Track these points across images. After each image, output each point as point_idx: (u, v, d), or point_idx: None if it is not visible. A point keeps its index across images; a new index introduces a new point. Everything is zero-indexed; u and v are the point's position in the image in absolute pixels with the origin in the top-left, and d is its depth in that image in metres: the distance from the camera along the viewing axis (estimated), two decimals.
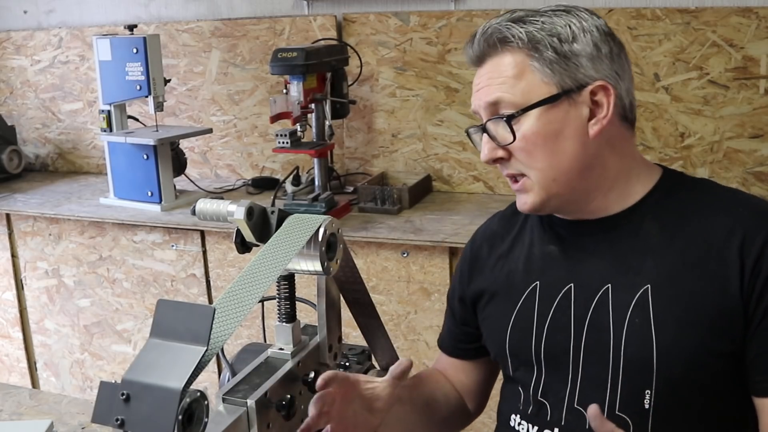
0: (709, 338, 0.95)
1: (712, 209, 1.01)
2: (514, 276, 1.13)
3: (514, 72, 1.00)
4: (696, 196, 1.04)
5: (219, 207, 0.91)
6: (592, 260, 1.05)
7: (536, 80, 0.99)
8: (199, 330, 0.67)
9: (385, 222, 2.31)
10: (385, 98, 2.66)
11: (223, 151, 2.96)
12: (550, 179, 1.01)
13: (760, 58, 2.22)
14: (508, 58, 1.01)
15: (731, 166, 2.32)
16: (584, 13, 1.03)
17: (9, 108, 3.27)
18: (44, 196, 2.81)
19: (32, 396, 1.45)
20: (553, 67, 0.99)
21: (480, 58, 1.05)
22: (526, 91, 0.99)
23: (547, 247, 1.11)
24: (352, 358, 1.13)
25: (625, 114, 1.04)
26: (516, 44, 1.00)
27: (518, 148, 1.01)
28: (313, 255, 0.91)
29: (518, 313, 1.10)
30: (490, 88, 1.01)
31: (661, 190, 1.05)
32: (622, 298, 1.00)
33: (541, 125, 0.99)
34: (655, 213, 1.03)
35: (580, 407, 1.02)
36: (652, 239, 1.01)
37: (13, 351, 2.88)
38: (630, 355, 0.98)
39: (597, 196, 1.04)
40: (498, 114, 1.01)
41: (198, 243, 2.47)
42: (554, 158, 1.00)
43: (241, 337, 2.39)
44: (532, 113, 0.99)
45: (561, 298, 1.05)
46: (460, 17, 2.50)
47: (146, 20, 2.97)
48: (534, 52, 0.99)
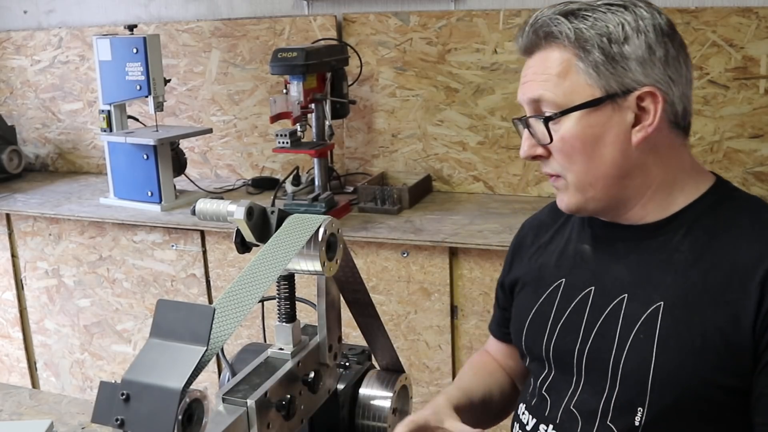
0: (710, 369, 0.91)
1: (746, 232, 0.96)
2: (545, 270, 1.13)
3: (558, 70, 0.96)
4: (735, 216, 0.98)
5: (219, 207, 0.91)
6: (617, 267, 1.03)
7: (580, 81, 0.95)
8: (199, 330, 0.67)
9: (385, 222, 2.31)
10: (385, 98, 2.66)
11: (223, 151, 2.96)
12: (586, 183, 0.98)
13: (760, 58, 2.22)
14: (555, 54, 0.97)
15: (731, 166, 2.32)
16: (644, 10, 0.96)
17: (9, 108, 3.27)
18: (44, 196, 2.81)
19: (32, 396, 1.45)
20: (599, 69, 0.94)
21: (528, 50, 1.01)
22: (569, 91, 0.96)
23: (581, 246, 1.09)
24: (352, 358, 1.13)
25: (677, 120, 0.98)
26: (563, 41, 0.96)
27: (556, 149, 0.98)
28: (313, 255, 0.91)
29: (538, 308, 1.10)
30: (534, 83, 0.98)
31: (702, 203, 1.00)
32: (633, 310, 0.98)
33: (580, 129, 0.96)
34: (689, 228, 0.98)
35: (575, 410, 1.02)
36: (679, 255, 0.97)
37: (13, 351, 2.88)
38: (628, 369, 0.96)
39: (635, 204, 1.01)
40: (539, 111, 0.99)
41: (198, 243, 2.47)
42: (592, 163, 0.97)
43: (241, 337, 2.39)
44: (573, 115, 0.96)
45: (579, 300, 1.05)
46: (460, 17, 2.50)
47: (146, 20, 2.97)
48: (581, 51, 0.95)
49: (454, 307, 2.21)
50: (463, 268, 2.17)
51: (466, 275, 2.16)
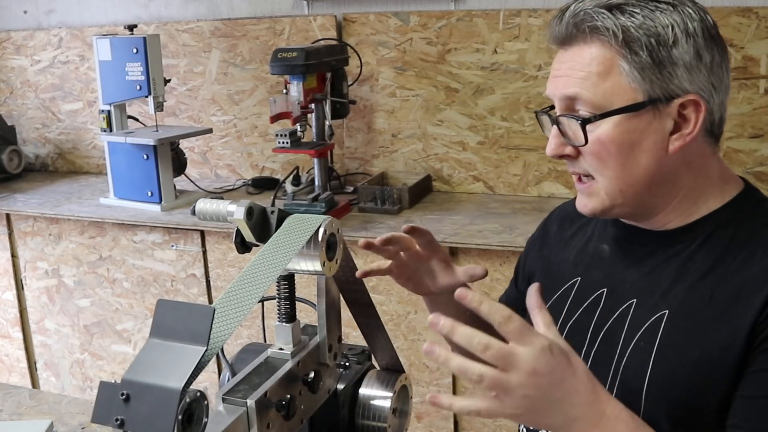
0: (704, 382, 0.90)
1: (763, 246, 0.92)
2: (564, 266, 1.11)
3: (599, 69, 0.89)
4: (755, 229, 0.94)
5: (219, 207, 0.91)
6: (630, 271, 1.01)
7: (623, 83, 0.89)
8: (199, 330, 0.67)
9: (385, 222, 2.31)
10: (385, 98, 2.66)
11: (223, 151, 2.96)
12: (617, 189, 0.94)
13: (760, 58, 2.22)
14: (596, 51, 0.90)
15: (731, 166, 2.30)
16: (691, 10, 0.91)
17: (9, 108, 3.27)
18: (44, 196, 2.81)
19: (32, 396, 1.45)
20: (644, 72, 0.88)
21: (565, 41, 0.93)
22: (609, 92, 0.89)
23: (600, 245, 1.07)
24: (352, 358, 1.13)
25: (712, 129, 0.94)
26: (608, 39, 0.89)
27: (590, 151, 0.92)
28: (313, 255, 0.91)
29: (552, 305, 1.08)
30: (570, 79, 0.91)
31: (723, 213, 0.97)
32: (639, 316, 0.96)
33: (618, 133, 0.90)
34: (706, 238, 0.96)
35: None
36: (692, 265, 0.95)
37: (13, 351, 2.88)
38: (625, 376, 0.96)
39: (660, 212, 0.98)
40: (574, 111, 0.92)
41: (198, 243, 2.47)
42: (626, 169, 0.92)
43: (241, 337, 2.39)
44: (611, 119, 0.90)
45: (591, 301, 1.03)
46: (460, 17, 2.50)
47: (146, 20, 2.97)
48: (627, 51, 0.88)
49: None
50: None
51: None
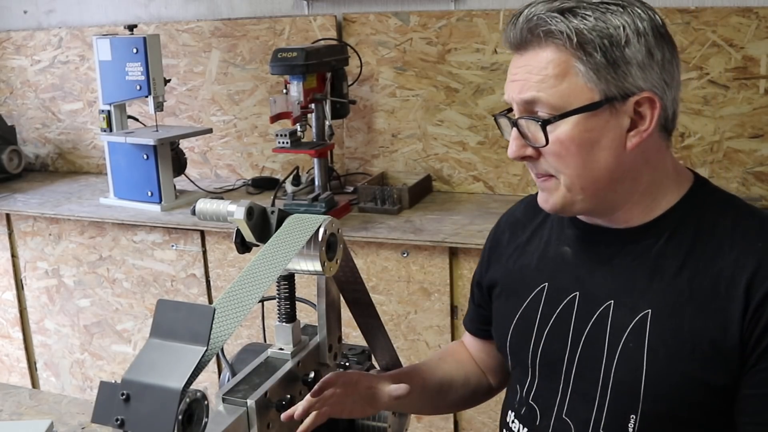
0: (700, 373, 0.91)
1: (729, 237, 0.95)
2: (526, 272, 1.11)
3: (556, 71, 0.91)
4: (717, 219, 0.97)
5: (219, 207, 0.91)
6: (601, 272, 1.01)
7: (579, 84, 0.91)
8: (199, 330, 0.67)
9: (385, 222, 2.31)
10: (385, 98, 2.66)
11: (223, 151, 2.96)
12: (578, 187, 0.95)
13: (760, 58, 2.22)
14: (552, 54, 0.91)
15: (731, 166, 2.32)
16: (640, 10, 0.92)
17: (9, 108, 3.27)
18: (44, 196, 2.81)
19: (32, 396, 1.45)
20: (599, 72, 0.90)
21: (520, 45, 0.95)
22: (566, 94, 0.91)
23: (561, 248, 1.08)
24: (352, 358, 1.13)
25: (666, 125, 0.97)
26: (562, 42, 0.90)
27: (550, 152, 0.94)
28: (313, 255, 0.91)
29: (522, 313, 1.09)
30: (527, 83, 0.93)
31: (683, 206, 0.99)
32: (621, 318, 0.97)
33: (577, 132, 0.92)
34: (672, 232, 0.98)
35: (568, 419, 1.01)
36: (664, 261, 0.97)
37: (13, 351, 2.88)
38: (619, 378, 0.96)
39: (622, 208, 0.99)
40: (533, 113, 0.94)
41: (198, 243, 2.47)
42: (586, 167, 0.94)
43: (241, 337, 2.39)
44: (570, 119, 0.91)
45: (565, 306, 1.03)
46: (460, 17, 2.50)
47: (146, 20, 2.97)
48: (581, 53, 0.90)
49: (454, 307, 2.21)
50: (463, 268, 2.17)
51: (466, 275, 2.16)
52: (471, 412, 2.27)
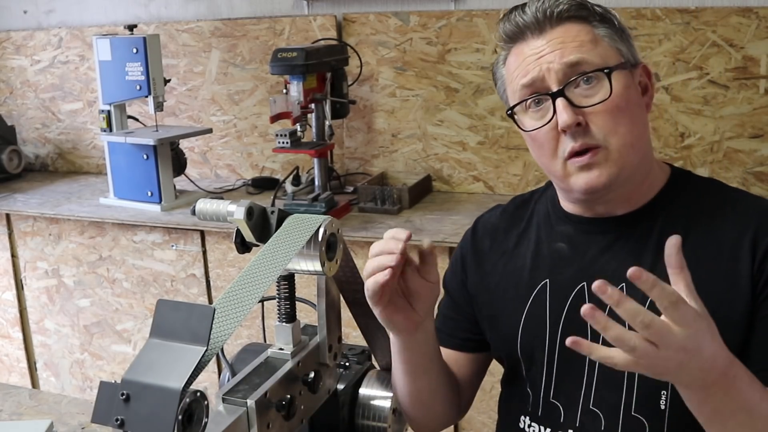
0: (722, 334, 0.92)
1: (722, 210, 1.01)
2: (522, 273, 1.10)
3: (588, 38, 0.98)
4: (705, 197, 1.03)
5: (219, 207, 0.91)
6: (605, 259, 1.03)
7: (609, 47, 0.99)
8: (199, 330, 0.67)
9: (385, 222, 2.31)
10: (385, 98, 2.66)
11: (223, 151, 2.96)
12: (629, 145, 0.98)
13: (760, 58, 2.22)
14: (576, 27, 0.99)
15: (731, 166, 2.32)
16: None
17: (9, 108, 3.27)
18: (44, 196, 2.81)
19: (32, 396, 1.45)
20: (616, 40, 0.99)
21: (539, 27, 1.00)
22: (602, 55, 0.98)
23: (555, 245, 1.08)
24: (352, 358, 1.13)
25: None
26: (591, 17, 0.99)
27: (607, 109, 0.96)
28: (313, 255, 0.91)
29: (529, 313, 1.08)
30: (566, 50, 0.97)
31: (672, 188, 1.04)
32: (636, 298, 0.95)
33: (624, 88, 0.98)
34: (668, 212, 1.02)
35: (596, 408, 1.01)
36: (666, 238, 0.97)
37: (13, 351, 2.88)
38: None
39: (634, 185, 1.02)
40: (579, 71, 0.97)
41: (198, 243, 2.47)
42: (634, 124, 0.98)
43: (241, 337, 2.39)
44: (616, 74, 0.97)
45: (574, 298, 1.03)
46: (460, 17, 2.50)
47: (146, 20, 2.97)
48: (599, 23, 0.99)
49: None
50: None
51: None
52: (471, 413, 2.26)
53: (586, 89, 0.97)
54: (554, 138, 0.99)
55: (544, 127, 0.99)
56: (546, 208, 1.13)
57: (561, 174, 1.01)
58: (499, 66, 1.11)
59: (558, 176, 1.02)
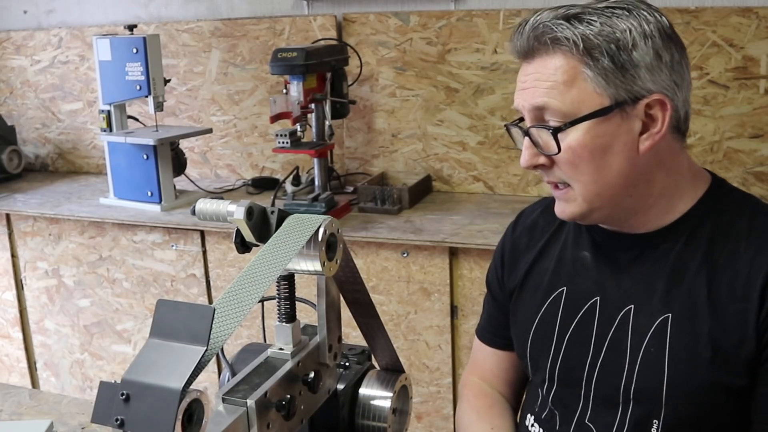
0: (721, 375, 0.92)
1: (746, 237, 0.96)
2: (544, 276, 1.09)
3: (564, 78, 0.91)
4: (734, 220, 0.98)
5: (219, 207, 0.91)
6: (621, 276, 1.01)
7: (588, 90, 0.91)
8: (199, 330, 0.67)
9: (385, 222, 2.31)
10: (385, 98, 2.66)
11: (223, 151, 2.96)
12: (593, 193, 0.95)
13: (760, 58, 2.22)
14: (559, 61, 0.92)
15: (731, 166, 2.32)
16: (646, 12, 0.92)
17: (9, 108, 3.27)
18: (44, 196, 2.81)
19: (32, 396, 1.45)
20: (608, 77, 0.90)
21: (527, 54, 0.95)
22: (576, 100, 0.91)
23: (580, 253, 1.07)
24: (352, 358, 1.13)
25: (679, 126, 0.97)
26: (569, 48, 0.91)
27: (563, 160, 0.94)
28: (313, 255, 0.91)
29: (542, 318, 1.07)
30: (537, 90, 0.93)
31: (700, 209, 0.99)
32: (642, 323, 0.97)
33: (589, 139, 0.92)
34: (690, 236, 0.98)
35: (590, 424, 1.01)
36: (682, 265, 0.97)
37: (13, 351, 2.88)
38: (641, 383, 0.96)
39: (638, 212, 0.99)
40: (543, 121, 0.94)
41: (198, 243, 2.47)
42: (600, 173, 0.93)
43: (241, 337, 2.39)
44: (581, 126, 0.91)
45: (585, 311, 1.03)
46: (460, 17, 2.50)
47: (146, 20, 2.97)
48: (588, 59, 0.90)
49: (454, 307, 2.21)
50: (463, 268, 2.17)
51: (466, 275, 2.16)
52: None
53: (549, 134, 0.94)
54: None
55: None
56: None
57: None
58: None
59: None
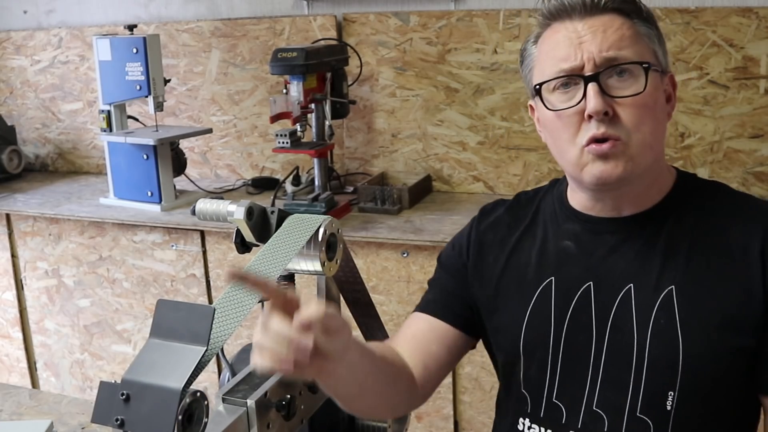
0: (733, 338, 0.94)
1: (729, 212, 1.01)
2: (527, 270, 1.09)
3: (630, 33, 0.98)
4: (713, 200, 1.03)
5: (219, 207, 0.92)
6: (613, 259, 1.02)
7: (647, 47, 0.99)
8: (199, 330, 0.68)
9: (385, 222, 2.31)
10: (385, 98, 2.66)
11: (223, 151, 2.96)
12: (648, 145, 0.97)
13: (760, 58, 2.22)
14: (622, 20, 0.98)
15: (731, 166, 2.32)
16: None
17: (9, 108, 3.27)
18: (44, 196, 2.81)
19: (32, 396, 1.45)
20: (656, 42, 1.00)
21: (585, 10, 0.99)
22: (641, 53, 0.98)
23: (562, 243, 1.07)
24: None
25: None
26: (635, 13, 0.99)
27: (636, 104, 0.96)
28: (313, 255, 0.91)
29: (533, 310, 1.06)
30: (606, 40, 0.97)
31: (679, 192, 1.05)
32: (646, 298, 0.98)
33: (654, 88, 0.98)
34: (676, 215, 1.02)
35: (599, 410, 1.00)
36: (675, 240, 1.00)
37: (13, 351, 2.88)
38: (655, 356, 0.96)
39: (646, 187, 1.03)
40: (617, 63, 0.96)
41: (198, 243, 2.47)
42: (656, 125, 0.99)
43: (241, 337, 2.39)
44: (651, 74, 0.97)
45: (580, 297, 1.03)
46: (460, 17, 2.50)
47: (146, 20, 2.97)
48: (641, 23, 0.99)
49: None
50: None
51: None
52: (471, 413, 2.27)
53: (619, 80, 0.96)
54: (576, 123, 0.97)
55: (569, 110, 0.97)
56: (552, 207, 1.12)
57: (575, 160, 0.99)
58: (529, 44, 1.06)
59: (572, 162, 0.99)
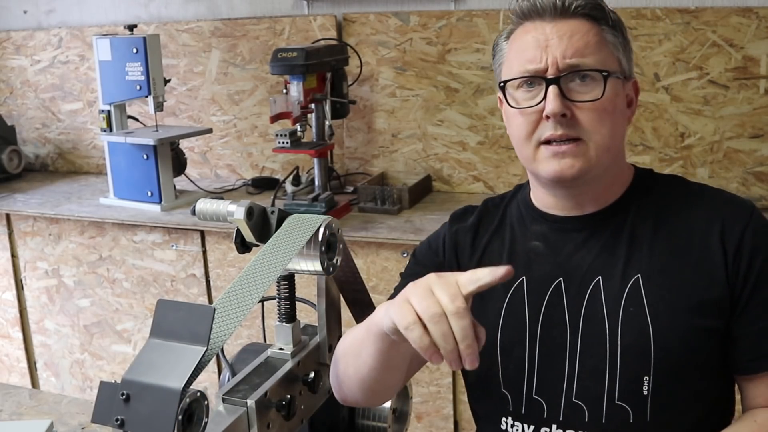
0: (700, 320, 0.98)
1: (688, 203, 1.06)
2: None
3: (596, 39, 1.01)
4: (671, 192, 1.08)
5: (219, 207, 0.92)
6: (580, 254, 1.06)
7: (611, 55, 1.02)
8: (199, 330, 0.68)
9: (385, 222, 2.31)
10: (385, 98, 2.66)
11: (223, 151, 2.96)
12: (604, 148, 1.01)
13: (760, 58, 2.22)
14: (588, 26, 1.01)
15: (731, 166, 2.32)
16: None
17: (9, 108, 3.27)
18: (44, 196, 2.81)
19: (32, 396, 1.45)
20: (625, 48, 1.04)
21: (555, 12, 1.02)
22: (604, 60, 1.01)
23: (530, 243, 1.10)
24: None
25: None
26: (603, 20, 1.02)
27: (594, 108, 1.00)
28: (313, 255, 0.91)
29: (507, 310, 1.08)
30: (573, 47, 1.00)
31: (638, 187, 1.09)
32: (614, 288, 1.02)
33: (614, 94, 1.01)
34: (638, 208, 1.06)
35: (579, 401, 1.02)
36: (638, 232, 1.04)
37: (13, 351, 2.88)
38: (627, 343, 0.99)
39: (604, 186, 1.06)
40: (578, 69, 0.99)
41: (198, 243, 2.47)
42: (615, 129, 1.02)
43: (241, 337, 2.39)
44: (611, 80, 1.00)
45: (551, 294, 1.05)
46: (460, 17, 2.50)
47: (146, 20, 2.97)
48: (608, 29, 1.02)
49: None
50: None
51: None
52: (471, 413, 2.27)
53: (580, 85, 1.00)
54: (535, 122, 1.02)
55: (530, 108, 1.02)
56: (519, 210, 1.15)
57: (530, 157, 1.04)
58: (501, 39, 1.10)
59: (529, 157, 1.04)
